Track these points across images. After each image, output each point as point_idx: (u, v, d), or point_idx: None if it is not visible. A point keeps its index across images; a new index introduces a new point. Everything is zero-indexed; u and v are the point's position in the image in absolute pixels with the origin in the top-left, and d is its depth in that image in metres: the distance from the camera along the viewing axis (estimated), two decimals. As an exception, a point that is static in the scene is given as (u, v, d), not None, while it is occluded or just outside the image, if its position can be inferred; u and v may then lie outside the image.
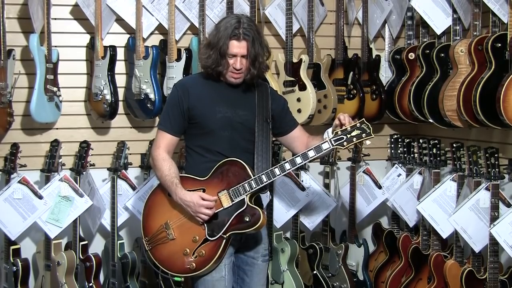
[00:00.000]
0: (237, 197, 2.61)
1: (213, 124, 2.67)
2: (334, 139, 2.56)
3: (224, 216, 2.62)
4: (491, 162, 3.17)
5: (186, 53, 3.67)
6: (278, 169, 2.60)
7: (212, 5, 3.80)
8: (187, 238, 2.63)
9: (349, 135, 2.55)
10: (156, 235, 2.69)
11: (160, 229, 2.69)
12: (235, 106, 2.71)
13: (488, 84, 3.08)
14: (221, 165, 2.66)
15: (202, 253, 2.61)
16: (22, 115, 3.71)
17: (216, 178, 2.66)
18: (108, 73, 3.63)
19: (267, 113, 2.77)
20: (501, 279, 3.17)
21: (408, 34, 3.93)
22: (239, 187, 2.61)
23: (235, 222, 2.60)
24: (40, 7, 3.52)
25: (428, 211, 3.50)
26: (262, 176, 2.60)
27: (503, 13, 3.12)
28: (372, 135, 2.55)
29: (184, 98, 2.68)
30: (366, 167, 4.00)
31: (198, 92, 2.70)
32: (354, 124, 2.56)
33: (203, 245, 2.62)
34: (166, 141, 2.72)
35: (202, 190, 2.65)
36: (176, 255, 2.65)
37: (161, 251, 2.68)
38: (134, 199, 3.66)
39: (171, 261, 2.66)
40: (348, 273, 3.91)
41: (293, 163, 2.60)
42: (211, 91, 2.71)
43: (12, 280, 3.56)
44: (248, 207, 2.60)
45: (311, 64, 3.89)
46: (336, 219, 4.25)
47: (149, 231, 2.73)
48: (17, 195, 3.49)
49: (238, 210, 2.61)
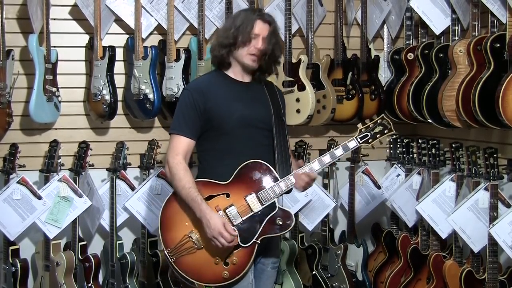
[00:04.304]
0: (267, 201, 2.53)
1: (231, 123, 2.57)
2: (359, 136, 2.60)
3: (255, 221, 2.52)
4: (490, 162, 3.17)
5: (185, 53, 3.67)
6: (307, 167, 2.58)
7: (211, 5, 3.80)
8: (216, 247, 2.48)
9: (372, 131, 2.60)
10: (181, 246, 2.54)
11: (185, 239, 2.54)
12: (251, 104, 2.64)
13: (487, 84, 3.09)
14: (243, 167, 2.56)
15: (235, 260, 2.51)
16: (21, 115, 3.70)
17: (240, 181, 2.55)
18: (107, 74, 3.63)
19: (280, 110, 2.72)
20: (500, 279, 3.17)
21: (407, 35, 3.93)
22: (268, 190, 2.53)
23: (267, 226, 2.52)
24: (39, 8, 3.52)
25: (427, 211, 3.50)
26: (290, 177, 2.56)
27: (502, 14, 3.13)
28: (393, 131, 2.62)
29: (200, 99, 2.57)
30: (365, 167, 4.00)
31: (212, 93, 2.60)
32: (375, 121, 2.62)
33: (234, 252, 2.51)
34: (184, 146, 2.57)
35: (225, 194, 2.55)
36: (205, 264, 2.53)
37: (188, 262, 2.54)
38: (133, 199, 3.66)
39: (201, 271, 2.54)
40: (347, 273, 3.91)
41: (321, 163, 2.58)
42: (225, 90, 2.63)
43: (11, 280, 3.56)
44: (279, 210, 2.54)
45: (310, 65, 3.90)
46: (335, 220, 4.25)
47: (170, 242, 2.56)
48: (16, 195, 3.49)
49: (269, 214, 2.53)
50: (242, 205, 2.53)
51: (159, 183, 3.64)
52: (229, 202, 2.54)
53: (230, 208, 2.53)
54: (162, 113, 3.80)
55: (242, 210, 2.53)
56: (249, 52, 2.58)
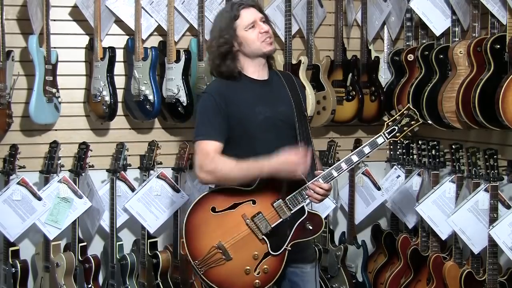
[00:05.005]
0: (295, 206, 2.44)
1: (256, 127, 2.46)
2: (387, 131, 2.50)
3: (285, 227, 2.44)
4: (490, 163, 3.17)
5: (185, 54, 3.67)
6: (335, 170, 2.46)
7: (211, 6, 3.80)
8: (246, 256, 2.43)
9: (399, 124, 2.50)
10: (209, 258, 2.43)
11: (212, 250, 2.43)
12: (273, 103, 2.52)
13: (487, 86, 3.08)
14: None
15: (266, 269, 2.43)
16: (21, 116, 3.70)
17: (265, 186, 2.44)
18: (107, 75, 3.63)
19: (301, 104, 2.60)
20: (500, 281, 3.17)
21: (407, 36, 3.93)
22: (296, 195, 2.44)
23: (298, 232, 2.45)
24: (39, 8, 3.52)
25: (427, 213, 3.50)
26: (319, 179, 2.45)
27: (502, 15, 3.12)
28: (420, 121, 2.52)
29: (222, 102, 2.44)
30: (365, 168, 4.00)
31: (233, 97, 2.47)
32: (402, 112, 2.52)
33: (264, 260, 2.43)
34: (214, 150, 2.41)
35: (251, 201, 2.45)
36: (236, 275, 2.44)
37: (218, 273, 2.44)
38: (133, 200, 3.65)
39: (232, 282, 2.45)
40: (347, 274, 3.91)
41: (349, 162, 2.47)
42: (245, 92, 2.50)
43: (11, 281, 3.56)
44: (308, 214, 2.46)
45: (310, 66, 3.89)
46: (335, 221, 4.25)
47: (198, 253, 2.45)
48: (16, 196, 3.49)
49: (299, 219, 2.45)
50: (270, 212, 2.45)
51: (159, 184, 3.64)
52: (256, 210, 2.45)
53: (258, 216, 2.44)
54: (162, 114, 3.80)
55: (270, 217, 2.44)
56: (260, 40, 2.48)
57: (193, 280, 3.67)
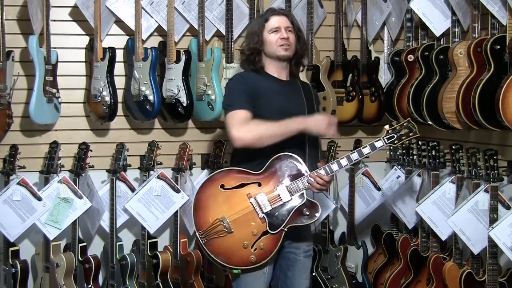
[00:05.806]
0: (296, 192, 2.66)
1: (270, 115, 2.68)
2: (386, 137, 2.71)
3: (284, 210, 2.66)
4: (490, 164, 3.17)
5: (186, 54, 3.67)
6: (336, 164, 2.69)
7: (212, 6, 3.80)
8: (245, 232, 2.65)
9: (398, 133, 2.71)
10: (212, 229, 2.66)
11: (216, 222, 2.66)
12: (288, 99, 2.80)
13: (487, 86, 3.08)
14: (275, 159, 2.68)
15: (262, 245, 2.64)
16: (21, 116, 3.70)
17: (272, 172, 2.68)
18: (107, 75, 3.63)
19: (314, 108, 2.88)
20: (500, 281, 3.17)
21: (407, 36, 3.93)
22: (297, 182, 2.66)
23: (295, 216, 2.66)
24: (39, 9, 3.52)
25: (427, 213, 3.50)
26: (320, 171, 2.67)
27: (502, 15, 3.12)
28: (418, 134, 2.73)
29: (249, 83, 2.74)
30: (365, 169, 4.00)
31: (256, 83, 2.76)
32: (402, 123, 2.73)
33: (262, 238, 2.65)
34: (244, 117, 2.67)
35: (257, 183, 2.68)
36: (234, 248, 2.66)
37: (218, 245, 2.67)
38: (133, 201, 3.65)
39: (229, 254, 2.66)
40: (347, 275, 3.91)
41: (350, 159, 2.69)
42: (266, 83, 2.79)
43: (11, 281, 3.56)
44: (307, 201, 2.67)
45: (310, 66, 3.90)
46: (335, 221, 4.25)
47: (202, 224, 2.68)
48: (16, 196, 3.49)
49: (298, 204, 2.66)
50: (272, 194, 2.66)
51: (159, 184, 3.64)
52: (260, 191, 2.67)
53: (261, 196, 2.66)
54: (162, 115, 3.80)
55: (271, 199, 2.66)
56: (278, 44, 2.76)
57: (193, 280, 3.68)
